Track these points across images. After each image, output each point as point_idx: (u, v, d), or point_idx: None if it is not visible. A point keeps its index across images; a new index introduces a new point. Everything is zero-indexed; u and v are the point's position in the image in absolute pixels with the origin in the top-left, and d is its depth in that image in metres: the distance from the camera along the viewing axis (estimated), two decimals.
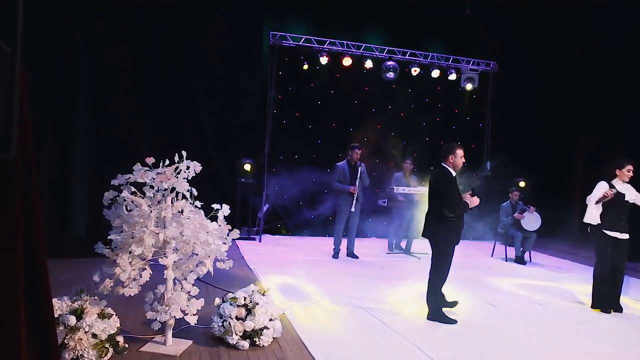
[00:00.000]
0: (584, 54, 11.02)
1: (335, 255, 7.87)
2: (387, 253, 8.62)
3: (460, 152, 4.76)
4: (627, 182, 5.42)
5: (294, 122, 10.11)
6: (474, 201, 4.72)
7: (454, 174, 4.77)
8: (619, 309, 5.42)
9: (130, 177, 3.54)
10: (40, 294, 2.11)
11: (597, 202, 5.31)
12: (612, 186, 5.35)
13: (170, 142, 8.33)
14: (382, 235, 9.82)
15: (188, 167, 3.69)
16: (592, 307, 5.48)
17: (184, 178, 3.66)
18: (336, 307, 5.08)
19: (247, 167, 9.30)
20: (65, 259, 6.24)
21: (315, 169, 9.41)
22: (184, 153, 3.67)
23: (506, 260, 8.54)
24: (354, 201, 7.58)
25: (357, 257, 7.87)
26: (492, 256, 8.96)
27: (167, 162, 3.64)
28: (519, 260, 8.38)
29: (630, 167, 5.37)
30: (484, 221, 10.00)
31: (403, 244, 8.77)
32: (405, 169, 8.65)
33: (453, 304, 5.01)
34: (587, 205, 5.45)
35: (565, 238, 11.14)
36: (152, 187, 3.58)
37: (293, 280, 6.21)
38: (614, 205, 5.31)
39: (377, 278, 6.58)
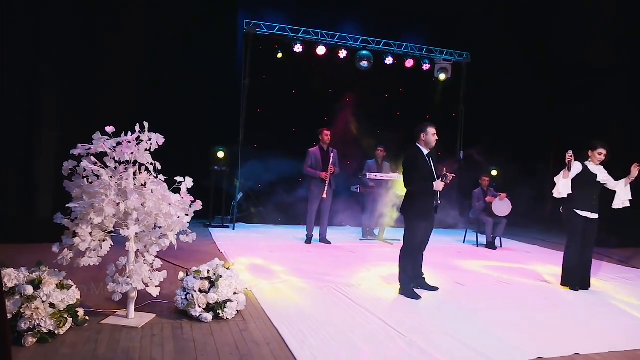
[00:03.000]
0: (559, 47, 11.20)
1: (308, 240, 7.89)
2: (360, 239, 8.67)
3: (431, 130, 4.88)
4: (600, 165, 5.53)
5: (268, 111, 10.08)
6: (437, 185, 4.78)
7: (425, 152, 4.92)
8: (586, 286, 5.54)
9: (90, 148, 3.50)
10: None
11: (568, 170, 5.35)
12: (585, 166, 5.45)
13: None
14: (357, 224, 9.87)
15: (150, 139, 3.66)
16: (561, 284, 5.59)
17: (145, 149, 3.64)
18: (303, 284, 5.11)
19: (221, 155, 9.25)
20: (35, 243, 6.14)
21: (290, 158, 9.38)
22: (145, 124, 3.64)
23: (477, 246, 8.66)
24: (326, 187, 7.60)
25: (329, 243, 7.90)
26: (464, 242, 9.08)
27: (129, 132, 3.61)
28: (490, 245, 8.51)
29: (601, 150, 5.46)
30: (457, 210, 10.15)
31: (377, 231, 8.82)
32: (377, 156, 8.70)
33: (434, 288, 5.09)
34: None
35: (536, 226, 11.37)
36: (113, 159, 3.54)
37: (262, 261, 6.22)
38: (585, 185, 5.41)
39: (348, 260, 6.63)
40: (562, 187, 5.42)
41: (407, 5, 10.57)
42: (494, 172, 10.48)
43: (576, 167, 5.40)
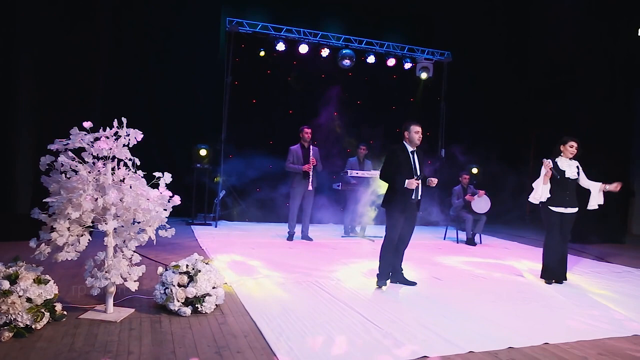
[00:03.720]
0: (537, 48, 11.41)
1: (290, 237, 7.94)
2: (342, 236, 8.75)
3: (414, 128, 4.98)
4: (573, 159, 5.67)
5: (250, 109, 10.11)
6: (409, 182, 4.87)
7: (410, 149, 5.01)
8: (562, 279, 5.67)
9: (68, 143, 3.52)
10: None
11: (544, 183, 5.52)
12: (555, 163, 5.59)
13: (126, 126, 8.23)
14: (339, 222, 9.94)
15: (128, 134, 3.68)
16: (541, 276, 5.74)
17: (124, 145, 3.66)
18: (283, 279, 5.16)
19: (203, 152, 9.26)
20: (12, 241, 6.11)
21: (272, 156, 9.44)
22: (124, 119, 3.67)
23: (457, 242, 8.80)
24: (310, 177, 7.65)
25: (311, 240, 7.96)
26: (444, 239, 9.21)
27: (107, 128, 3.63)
28: (470, 242, 8.64)
29: (572, 142, 5.61)
30: (439, 207, 10.28)
31: (358, 228, 8.91)
32: (359, 154, 8.78)
33: (412, 283, 5.18)
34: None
35: (515, 223, 11.57)
36: (91, 154, 3.56)
37: (243, 258, 6.26)
38: (556, 182, 5.55)
39: (328, 257, 6.70)
40: (543, 192, 5.54)
41: (389, 5, 10.69)
42: (474, 170, 10.64)
43: (545, 164, 5.53)
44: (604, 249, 8.66)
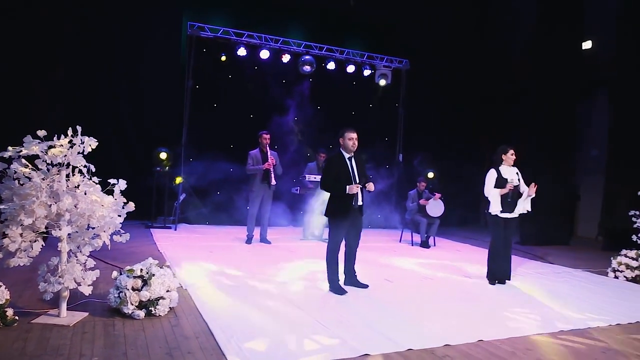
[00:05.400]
0: (492, 56, 11.89)
1: (249, 240, 8.07)
2: (301, 239, 8.93)
3: (348, 135, 5.16)
4: (513, 166, 6.02)
5: (211, 113, 10.17)
6: (350, 188, 5.03)
7: (347, 155, 5.16)
8: (503, 280, 6.00)
9: (21, 150, 3.58)
10: None
11: (502, 194, 5.82)
12: (498, 172, 5.91)
13: (86, 129, 8.23)
14: (299, 225, 10.11)
15: (83, 142, 3.76)
16: (487, 277, 6.04)
17: (78, 152, 3.74)
18: (238, 283, 5.31)
19: (163, 156, 9.28)
20: None
21: (232, 159, 9.54)
22: (78, 128, 3.75)
23: (412, 245, 9.10)
24: (272, 174, 7.80)
25: (269, 243, 8.11)
26: (400, 242, 9.51)
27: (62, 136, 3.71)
28: (424, 244, 8.96)
29: (512, 150, 5.97)
30: (396, 210, 10.59)
31: (316, 231, 9.09)
32: (318, 159, 8.97)
33: (364, 285, 5.38)
34: (486, 197, 5.98)
35: (470, 225, 12.01)
36: (45, 161, 3.63)
37: (201, 261, 6.36)
38: (499, 188, 5.88)
39: (285, 260, 6.87)
40: (499, 202, 5.85)
41: (349, 13, 10.94)
42: (430, 174, 11.01)
43: (492, 175, 5.86)
44: (550, 251, 9.12)
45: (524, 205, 5.95)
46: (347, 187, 5.01)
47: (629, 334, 4.22)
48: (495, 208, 5.86)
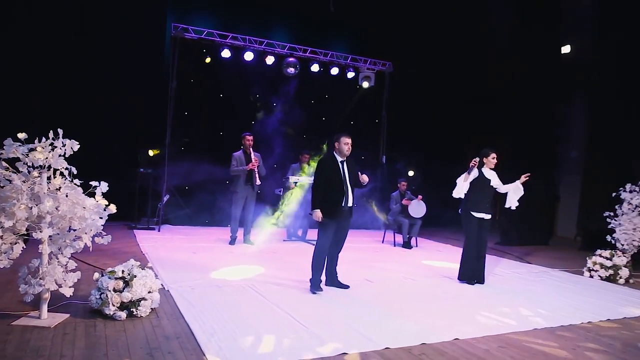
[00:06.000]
0: (475, 59, 12.06)
1: (232, 241, 8.12)
2: (284, 240, 8.99)
3: (344, 140, 5.25)
4: (493, 169, 6.16)
5: (195, 114, 10.18)
6: (315, 214, 5.13)
7: (340, 159, 5.28)
8: (481, 280, 6.13)
9: (2, 153, 3.60)
10: None
11: (468, 173, 5.94)
12: (481, 172, 6.05)
13: (69, 130, 8.21)
14: (282, 226, 10.15)
15: (64, 144, 3.79)
16: (458, 278, 6.15)
17: (60, 155, 3.77)
18: (220, 283, 5.36)
19: (147, 157, 9.30)
20: None
21: (216, 160, 9.55)
22: (60, 130, 3.77)
23: (394, 246, 9.22)
24: (255, 174, 7.85)
25: (253, 244, 8.16)
26: (382, 242, 9.62)
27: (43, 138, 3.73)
28: (406, 245, 9.08)
29: (494, 154, 6.11)
30: (379, 211, 10.70)
31: (300, 232, 9.17)
32: (302, 160, 9.05)
33: (345, 286, 5.46)
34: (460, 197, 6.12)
35: (452, 226, 12.15)
36: (25, 164, 3.65)
37: (184, 262, 6.39)
38: (480, 189, 6.01)
39: (267, 260, 6.93)
40: (463, 188, 6.00)
41: (333, 15, 11.02)
42: (410, 173, 11.17)
43: (474, 172, 5.99)
44: (529, 251, 9.31)
45: (515, 196, 6.08)
46: (313, 213, 5.14)
47: (599, 331, 4.37)
48: (458, 190, 5.99)
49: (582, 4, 10.44)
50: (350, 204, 5.33)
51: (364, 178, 5.38)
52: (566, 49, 11.18)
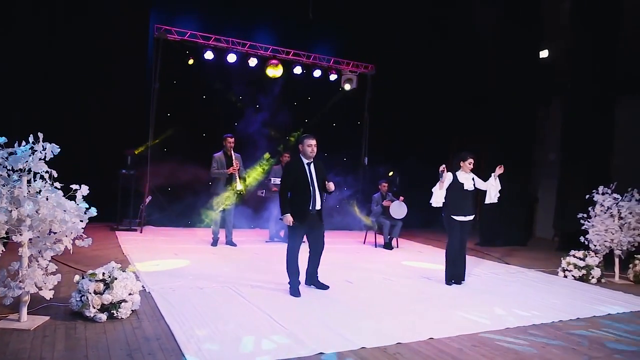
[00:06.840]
0: (455, 62, 12.24)
1: (214, 243, 8.16)
2: (266, 242, 9.06)
3: (307, 142, 5.29)
4: (471, 172, 6.29)
5: (178, 115, 10.19)
6: (286, 218, 5.20)
7: (306, 161, 5.32)
8: (461, 280, 6.27)
9: None
10: None
11: (441, 181, 6.08)
12: (455, 176, 6.18)
13: (52, 131, 8.18)
14: (265, 227, 10.22)
15: (45, 148, 3.82)
16: (446, 283, 6.22)
17: (40, 159, 3.79)
18: (202, 284, 5.41)
19: (130, 158, 9.28)
20: None
21: (198, 162, 9.56)
22: (40, 135, 3.80)
23: (376, 247, 9.33)
24: (236, 179, 7.90)
25: (235, 245, 8.21)
26: (364, 243, 9.74)
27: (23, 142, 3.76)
28: (387, 246, 9.20)
29: (471, 159, 6.25)
30: (361, 212, 10.80)
31: (282, 233, 9.24)
32: (283, 162, 9.11)
33: (325, 287, 5.55)
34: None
35: (433, 227, 12.31)
36: (5, 167, 3.67)
37: (165, 264, 6.43)
38: (456, 193, 6.14)
39: (249, 261, 7.00)
40: (439, 196, 6.14)
41: (316, 18, 11.11)
42: (390, 173, 11.31)
43: (448, 178, 6.13)
44: (508, 251, 9.50)
45: (495, 192, 6.23)
46: (284, 218, 5.22)
47: (568, 329, 4.52)
48: (437, 199, 6.12)
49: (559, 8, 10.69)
50: (318, 207, 5.33)
51: (330, 186, 5.37)
52: (544, 54, 11.42)
